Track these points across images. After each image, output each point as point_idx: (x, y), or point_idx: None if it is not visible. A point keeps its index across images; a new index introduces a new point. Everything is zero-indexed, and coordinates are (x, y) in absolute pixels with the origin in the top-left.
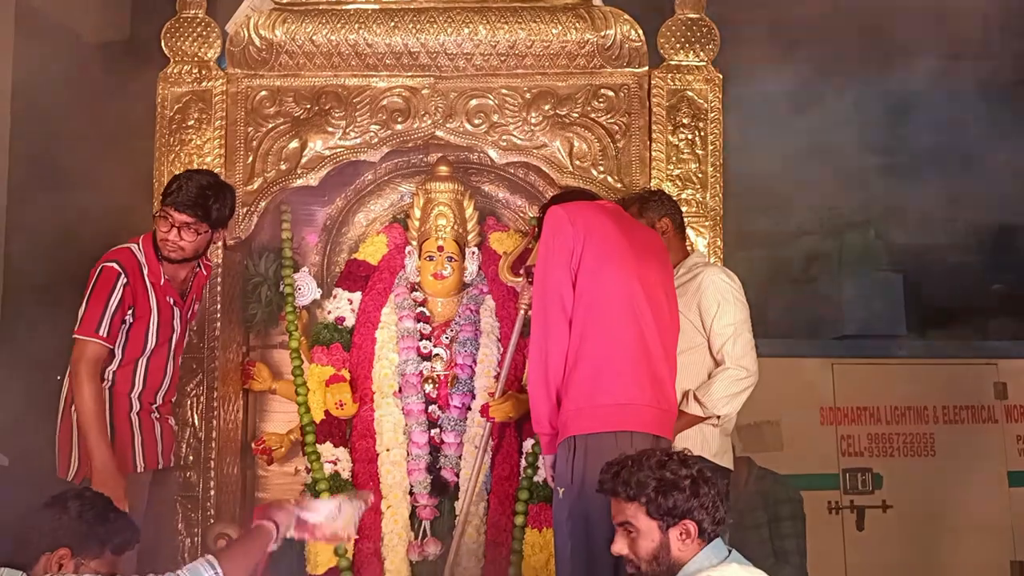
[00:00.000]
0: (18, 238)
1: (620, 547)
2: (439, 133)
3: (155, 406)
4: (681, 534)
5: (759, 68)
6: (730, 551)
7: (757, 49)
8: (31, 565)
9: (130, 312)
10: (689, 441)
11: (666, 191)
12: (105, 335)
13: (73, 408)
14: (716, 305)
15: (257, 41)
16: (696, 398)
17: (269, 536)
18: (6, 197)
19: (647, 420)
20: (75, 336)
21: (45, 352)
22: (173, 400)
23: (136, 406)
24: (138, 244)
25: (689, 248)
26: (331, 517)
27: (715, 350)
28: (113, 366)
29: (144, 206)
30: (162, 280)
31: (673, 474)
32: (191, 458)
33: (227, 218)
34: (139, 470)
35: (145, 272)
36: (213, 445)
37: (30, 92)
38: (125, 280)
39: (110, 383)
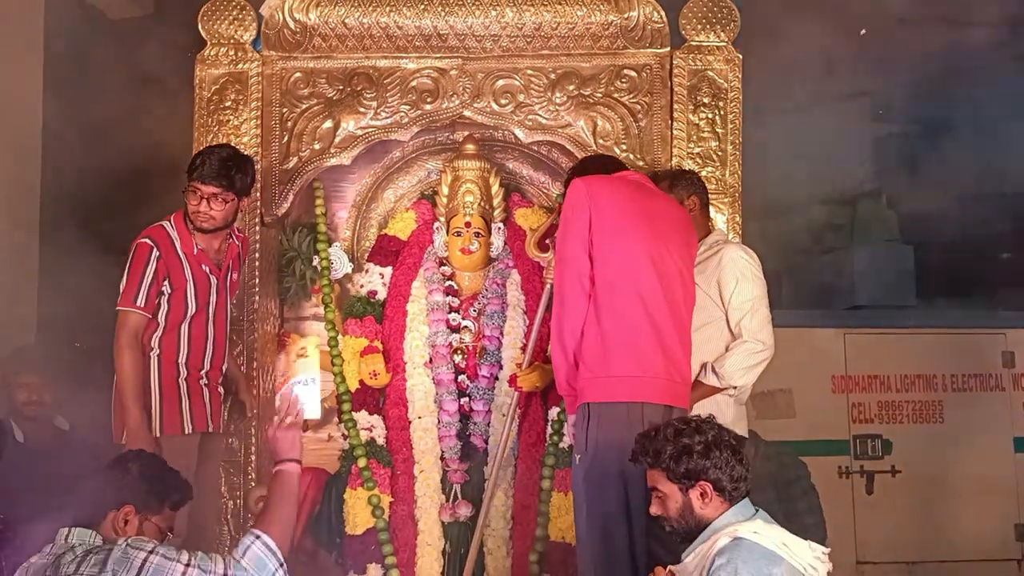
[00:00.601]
0: (53, 204)
1: (655, 509)
2: (467, 113)
3: (203, 372)
4: (701, 494)
5: (779, 36)
6: (756, 510)
7: (779, 14)
8: (98, 523)
9: (166, 283)
10: (704, 410)
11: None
12: (143, 305)
13: None
14: (735, 281)
15: (291, 24)
16: (713, 369)
17: (293, 477)
18: (40, 172)
19: (657, 392)
20: (117, 308)
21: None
22: (224, 368)
23: (183, 372)
24: (170, 221)
25: (711, 226)
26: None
27: (733, 324)
28: (159, 332)
29: (175, 180)
30: (195, 250)
31: (688, 440)
32: (232, 425)
33: (249, 186)
34: (187, 432)
35: (178, 245)
36: (253, 412)
37: (60, 67)
38: (158, 254)
39: (158, 350)
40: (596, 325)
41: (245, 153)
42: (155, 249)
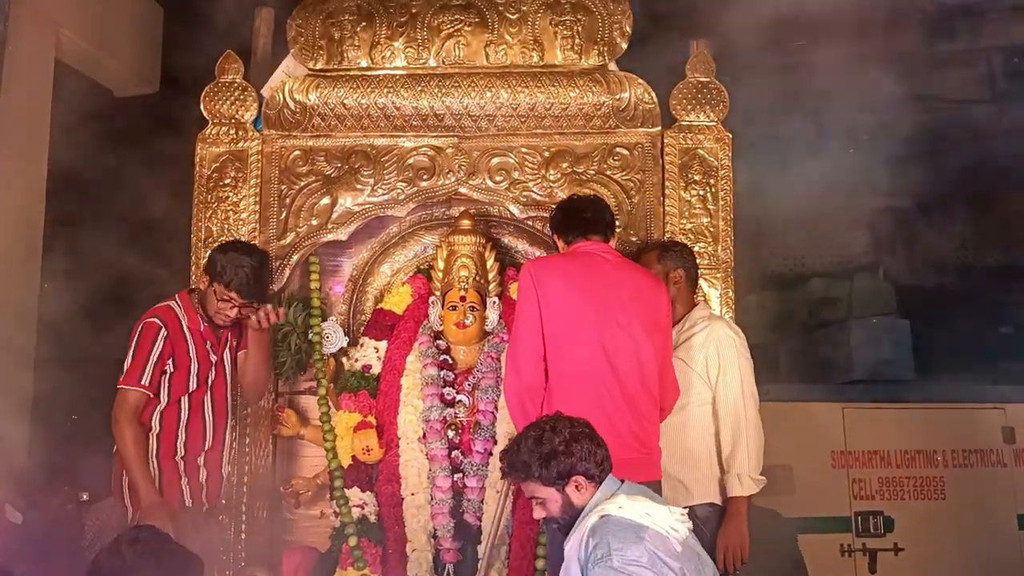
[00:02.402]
0: (51, 294)
1: (538, 513)
2: (462, 189)
3: (202, 452)
4: (576, 487)
5: (771, 110)
6: (620, 483)
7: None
8: None
9: (170, 362)
10: (699, 487)
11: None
12: (147, 384)
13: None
14: (723, 360)
15: (291, 105)
16: (738, 476)
17: None
18: (42, 247)
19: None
20: (119, 387)
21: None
22: (223, 443)
23: (181, 451)
24: (176, 300)
25: (696, 299)
26: None
27: (725, 404)
28: (160, 407)
29: (180, 255)
30: (201, 327)
31: (549, 444)
32: (223, 502)
33: None
34: (187, 505)
35: (184, 323)
36: (245, 489)
37: (66, 143)
38: (165, 333)
39: (158, 429)
40: (549, 405)
41: (261, 249)
42: (163, 329)
